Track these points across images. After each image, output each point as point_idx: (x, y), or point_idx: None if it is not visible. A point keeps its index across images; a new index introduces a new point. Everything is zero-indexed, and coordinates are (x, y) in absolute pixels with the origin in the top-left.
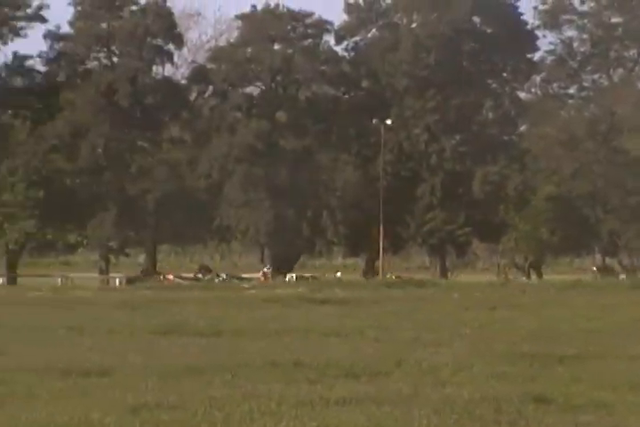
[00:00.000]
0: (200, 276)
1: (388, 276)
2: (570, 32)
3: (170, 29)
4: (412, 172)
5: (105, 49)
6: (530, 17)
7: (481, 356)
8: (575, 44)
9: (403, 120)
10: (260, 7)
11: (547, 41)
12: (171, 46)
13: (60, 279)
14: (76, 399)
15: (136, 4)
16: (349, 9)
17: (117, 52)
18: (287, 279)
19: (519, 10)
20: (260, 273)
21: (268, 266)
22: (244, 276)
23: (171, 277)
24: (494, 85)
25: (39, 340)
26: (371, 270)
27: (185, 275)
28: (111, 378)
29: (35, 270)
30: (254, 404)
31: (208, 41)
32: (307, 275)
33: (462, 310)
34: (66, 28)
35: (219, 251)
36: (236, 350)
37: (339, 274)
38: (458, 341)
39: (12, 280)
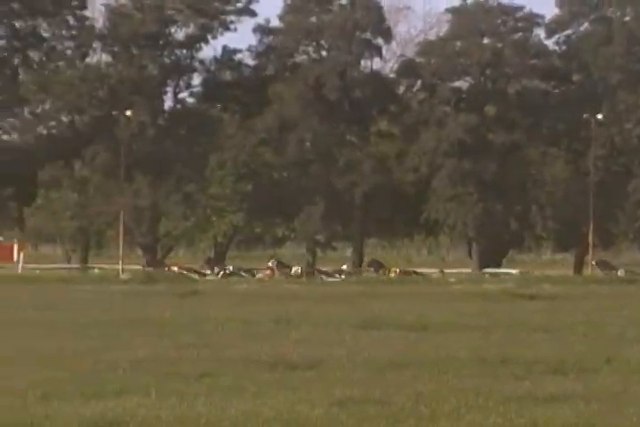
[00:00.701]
0: (205, 268)
1: (392, 269)
2: None
3: (379, 23)
4: (624, 167)
5: (314, 43)
6: None
7: None
8: None
9: (615, 114)
10: (470, 1)
11: None
12: (380, 40)
13: (266, 272)
14: (282, 392)
15: None
16: (561, 2)
17: (326, 45)
18: (292, 272)
19: None
20: (266, 267)
21: (274, 260)
22: (250, 269)
23: (175, 268)
24: None
25: (246, 332)
26: (579, 266)
27: (192, 267)
28: (317, 371)
29: (242, 264)
30: (461, 399)
31: (417, 35)
32: (312, 268)
33: None
34: (275, 22)
35: (426, 245)
36: (441, 344)
37: (344, 267)
38: None
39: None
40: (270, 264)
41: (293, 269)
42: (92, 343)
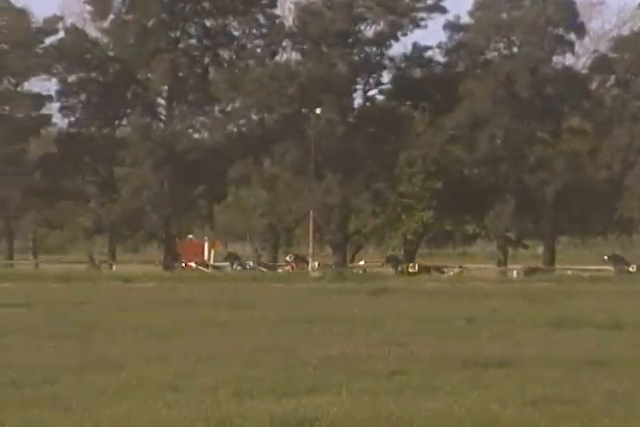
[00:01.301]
0: (228, 264)
1: (410, 265)
2: None
3: (572, 19)
4: None
5: (505, 39)
6: None
7: None
8: None
9: None
10: None
11: None
12: (572, 36)
13: (453, 271)
14: (474, 391)
15: None
16: None
17: (517, 42)
18: (310, 268)
19: None
20: (286, 262)
21: (291, 255)
22: (271, 264)
23: (192, 264)
24: None
25: (438, 330)
26: None
27: (214, 263)
28: (509, 370)
29: (432, 261)
30: None
31: (611, 30)
32: (330, 263)
33: None
34: (465, 19)
35: (619, 243)
36: (636, 343)
37: (362, 262)
38: None
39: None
40: (288, 259)
41: (310, 265)
42: (283, 341)
